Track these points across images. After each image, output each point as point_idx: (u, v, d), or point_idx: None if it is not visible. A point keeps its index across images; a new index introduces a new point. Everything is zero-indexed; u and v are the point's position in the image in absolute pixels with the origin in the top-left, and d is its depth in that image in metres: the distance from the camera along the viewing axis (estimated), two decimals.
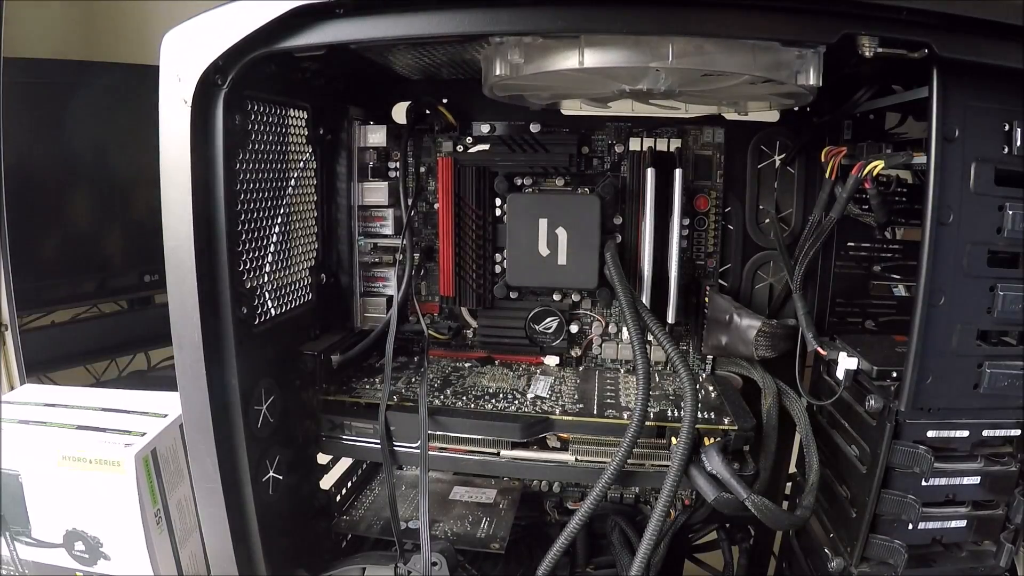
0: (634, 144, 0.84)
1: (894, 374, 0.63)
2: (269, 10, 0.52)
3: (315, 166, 0.75)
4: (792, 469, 0.90)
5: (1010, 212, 0.56)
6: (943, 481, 0.63)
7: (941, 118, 0.55)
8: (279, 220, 0.66)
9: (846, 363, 0.66)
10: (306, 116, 0.72)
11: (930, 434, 0.62)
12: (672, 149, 0.83)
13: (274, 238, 0.65)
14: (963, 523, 0.66)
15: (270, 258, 0.65)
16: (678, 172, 0.78)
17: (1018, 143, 0.56)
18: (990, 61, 0.53)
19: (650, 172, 0.79)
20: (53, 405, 0.85)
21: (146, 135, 0.54)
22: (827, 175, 0.71)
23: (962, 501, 0.65)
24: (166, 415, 0.82)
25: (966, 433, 0.62)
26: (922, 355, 0.58)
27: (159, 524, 0.78)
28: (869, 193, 0.63)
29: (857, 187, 0.63)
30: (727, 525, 0.92)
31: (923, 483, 0.63)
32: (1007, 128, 0.57)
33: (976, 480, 0.64)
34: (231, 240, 0.57)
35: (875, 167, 0.61)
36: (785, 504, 0.89)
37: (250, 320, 0.61)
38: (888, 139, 0.68)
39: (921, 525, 0.64)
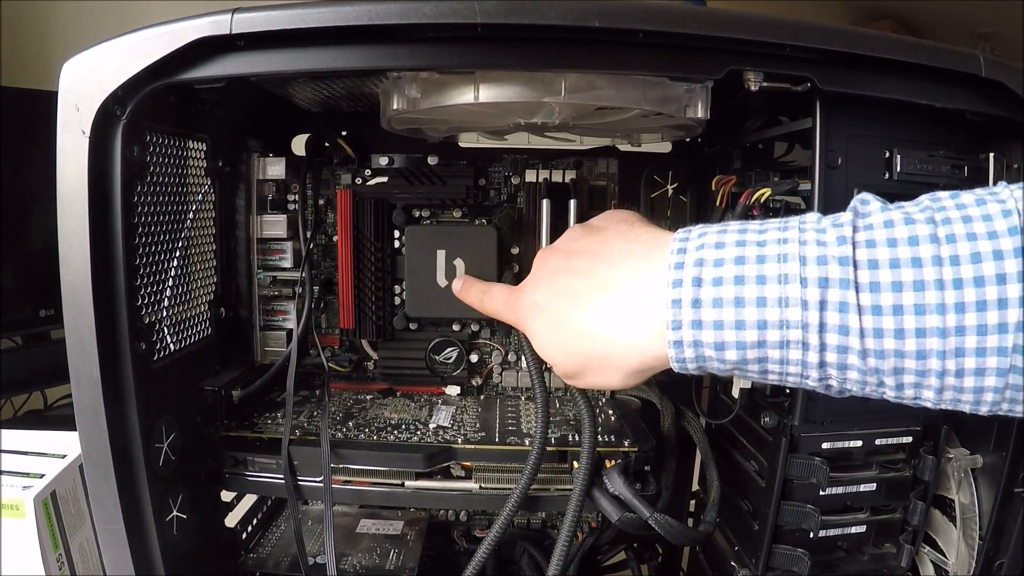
0: (530, 176, 0.86)
1: (787, 391, 0.65)
2: (170, 41, 0.51)
3: (214, 199, 0.74)
4: (695, 487, 0.92)
5: None
6: (840, 490, 0.67)
7: (824, 147, 0.59)
8: (177, 253, 0.65)
9: (740, 382, 0.69)
10: (205, 148, 0.71)
11: (825, 446, 0.65)
12: (567, 180, 0.85)
13: (172, 272, 0.64)
14: (863, 528, 0.69)
15: (169, 292, 0.63)
16: (573, 202, 0.80)
17: (898, 168, 0.60)
18: (869, 93, 0.57)
19: (546, 203, 0.81)
20: None
21: (40, 163, 0.53)
22: (718, 203, 0.74)
23: (860, 507, 0.69)
24: (65, 455, 0.79)
25: (859, 443, 0.65)
26: None
27: (61, 569, 0.75)
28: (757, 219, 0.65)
29: (746, 214, 0.65)
30: (635, 544, 0.93)
31: (821, 493, 0.66)
32: (887, 155, 0.61)
33: (872, 487, 0.67)
34: (129, 274, 0.56)
35: (762, 195, 0.64)
36: (690, 521, 0.92)
37: (149, 356, 0.60)
38: (777, 167, 0.72)
39: (822, 532, 0.67)
